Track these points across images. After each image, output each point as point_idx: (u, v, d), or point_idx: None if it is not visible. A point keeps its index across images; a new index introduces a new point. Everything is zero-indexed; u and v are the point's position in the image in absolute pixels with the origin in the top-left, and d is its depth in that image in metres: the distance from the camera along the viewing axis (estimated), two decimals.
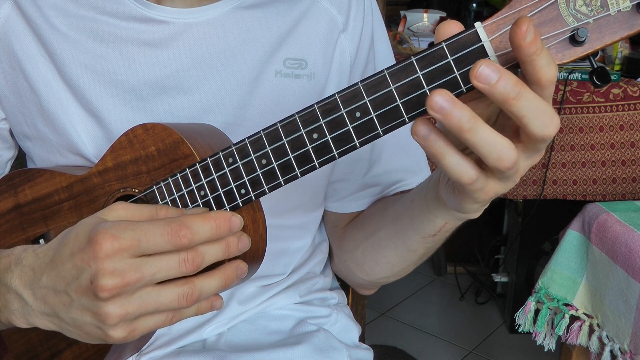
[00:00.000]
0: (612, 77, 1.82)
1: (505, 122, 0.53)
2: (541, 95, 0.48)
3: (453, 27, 0.49)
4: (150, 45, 0.76)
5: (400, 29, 2.32)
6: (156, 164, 0.65)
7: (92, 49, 0.76)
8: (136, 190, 0.66)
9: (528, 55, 0.45)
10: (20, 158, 0.88)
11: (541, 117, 0.46)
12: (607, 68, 1.93)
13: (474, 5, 2.43)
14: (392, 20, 2.52)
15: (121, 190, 0.68)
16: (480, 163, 0.50)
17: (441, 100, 0.46)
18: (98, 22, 0.76)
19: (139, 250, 0.53)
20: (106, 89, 0.76)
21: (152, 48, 0.76)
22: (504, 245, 2.48)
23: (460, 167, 0.49)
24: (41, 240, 0.74)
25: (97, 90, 0.76)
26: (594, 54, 0.49)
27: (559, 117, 0.47)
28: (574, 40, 0.48)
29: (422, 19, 2.33)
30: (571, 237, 1.29)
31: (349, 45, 0.82)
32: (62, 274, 0.56)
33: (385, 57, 0.87)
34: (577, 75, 1.80)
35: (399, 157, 0.87)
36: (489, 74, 0.45)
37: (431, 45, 0.51)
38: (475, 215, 0.61)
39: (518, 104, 0.46)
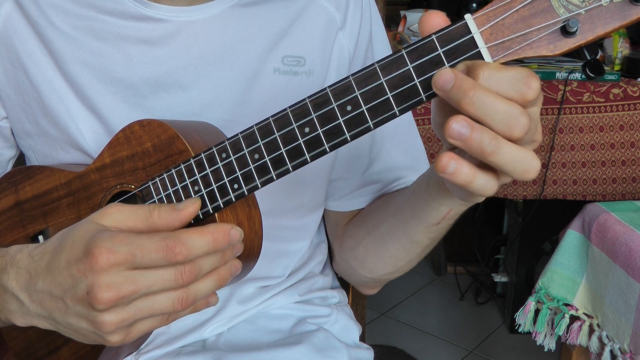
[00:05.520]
0: (612, 77, 1.82)
1: None
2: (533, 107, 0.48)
3: (435, 18, 0.50)
4: (149, 43, 0.76)
5: (400, 29, 2.32)
6: (152, 159, 0.65)
7: (91, 47, 0.76)
8: (132, 186, 0.66)
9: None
10: (22, 157, 0.88)
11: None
12: (607, 68, 1.93)
13: (474, 5, 2.43)
14: (392, 20, 2.52)
15: (118, 187, 0.68)
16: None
17: (458, 126, 0.46)
18: (97, 20, 0.76)
19: (134, 264, 0.54)
20: (105, 86, 0.76)
21: (151, 46, 0.76)
22: (504, 245, 2.48)
23: (487, 184, 0.50)
24: (40, 237, 0.74)
25: (97, 87, 0.76)
26: (587, 45, 0.48)
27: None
28: (565, 31, 0.48)
29: None
30: (571, 237, 1.29)
31: (347, 42, 0.82)
32: (58, 281, 0.57)
33: (383, 55, 0.87)
34: (577, 75, 1.79)
35: (398, 154, 0.87)
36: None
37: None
38: (482, 199, 0.61)
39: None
